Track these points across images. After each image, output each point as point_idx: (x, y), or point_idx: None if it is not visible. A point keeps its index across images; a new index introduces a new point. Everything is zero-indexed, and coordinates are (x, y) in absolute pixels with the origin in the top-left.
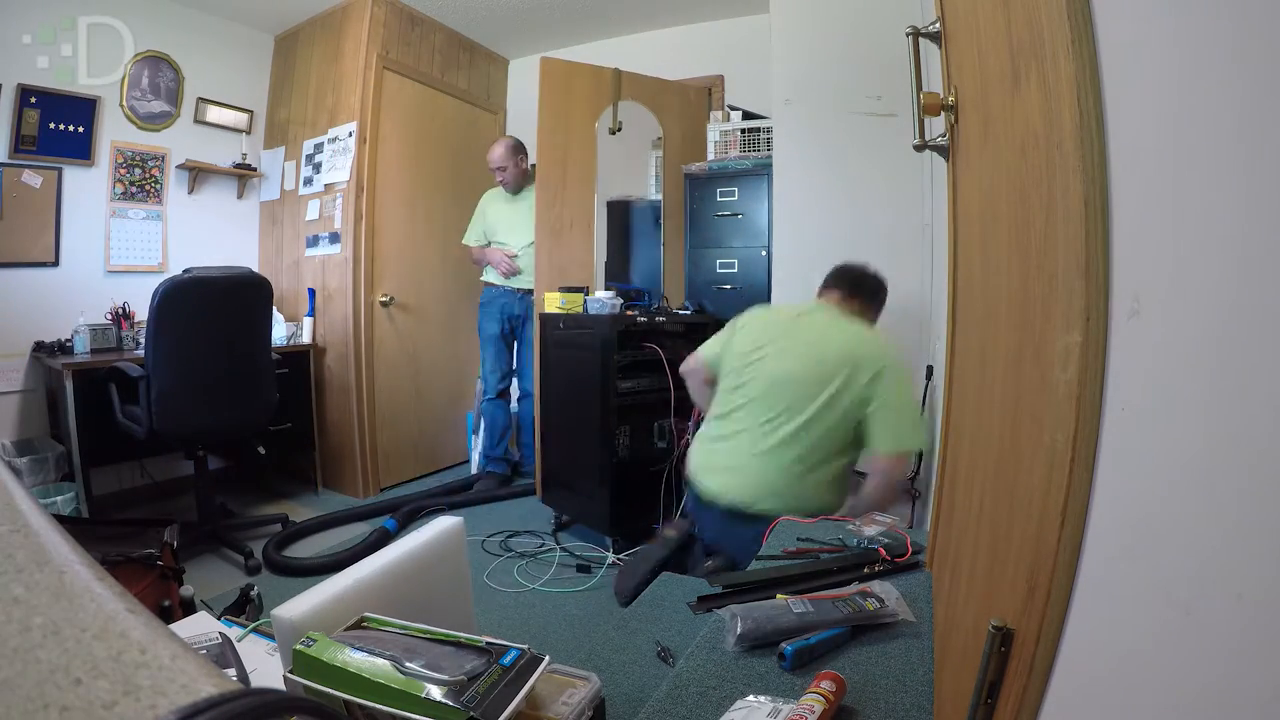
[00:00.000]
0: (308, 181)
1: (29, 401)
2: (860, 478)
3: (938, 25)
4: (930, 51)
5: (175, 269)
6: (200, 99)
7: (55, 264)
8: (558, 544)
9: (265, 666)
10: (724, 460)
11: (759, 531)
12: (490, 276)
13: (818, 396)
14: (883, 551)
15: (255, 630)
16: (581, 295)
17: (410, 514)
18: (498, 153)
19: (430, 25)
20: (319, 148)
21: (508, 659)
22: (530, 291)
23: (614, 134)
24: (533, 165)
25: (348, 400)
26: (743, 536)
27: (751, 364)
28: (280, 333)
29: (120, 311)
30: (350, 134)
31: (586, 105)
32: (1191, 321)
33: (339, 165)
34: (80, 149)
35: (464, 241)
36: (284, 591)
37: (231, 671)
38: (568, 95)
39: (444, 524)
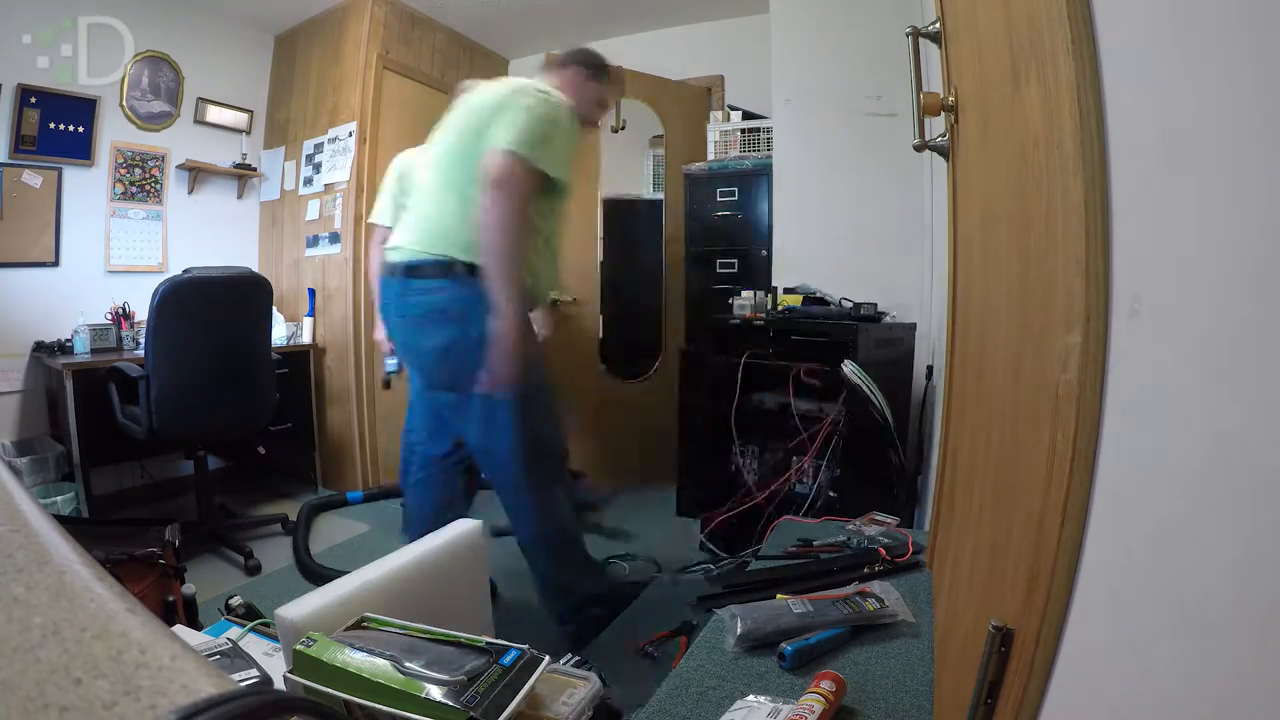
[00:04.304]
0: (308, 181)
1: (29, 401)
2: None
3: (938, 25)
4: (930, 51)
5: (175, 269)
6: (200, 99)
7: (55, 264)
8: None
9: (265, 666)
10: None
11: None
12: None
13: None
14: (883, 551)
15: (254, 630)
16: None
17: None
18: None
19: (430, 25)
20: (319, 148)
21: (508, 659)
22: None
23: (616, 132)
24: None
25: (348, 400)
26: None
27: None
28: (280, 333)
29: (120, 311)
30: (350, 134)
31: None
32: (1191, 321)
33: (339, 165)
34: (80, 149)
35: None
36: (280, 594)
37: (254, 672)
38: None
39: (461, 527)
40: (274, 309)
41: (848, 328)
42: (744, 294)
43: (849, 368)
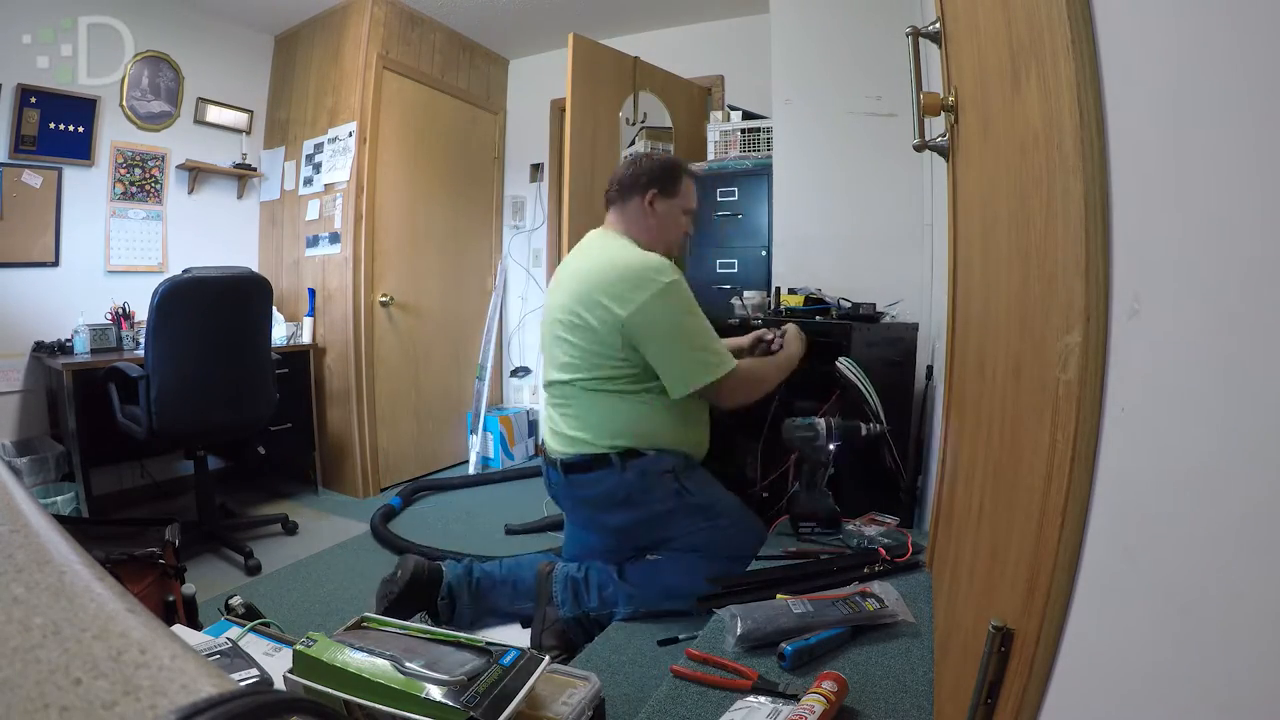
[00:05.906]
0: (308, 181)
1: (29, 401)
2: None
3: (938, 25)
4: (930, 51)
5: (175, 269)
6: (200, 99)
7: (55, 264)
8: None
9: (265, 666)
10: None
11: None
12: None
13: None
14: (883, 551)
15: (254, 630)
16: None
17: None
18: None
19: (430, 25)
20: (319, 148)
21: (508, 659)
22: None
23: (632, 125)
24: (534, 165)
25: (348, 400)
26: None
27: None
28: (280, 333)
29: (120, 311)
30: (350, 134)
31: (612, 90)
32: (1192, 321)
33: (339, 165)
34: (80, 149)
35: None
36: (280, 593)
37: (254, 671)
38: (594, 78)
39: None
40: (274, 309)
41: (842, 327)
42: (746, 294)
43: (844, 364)
